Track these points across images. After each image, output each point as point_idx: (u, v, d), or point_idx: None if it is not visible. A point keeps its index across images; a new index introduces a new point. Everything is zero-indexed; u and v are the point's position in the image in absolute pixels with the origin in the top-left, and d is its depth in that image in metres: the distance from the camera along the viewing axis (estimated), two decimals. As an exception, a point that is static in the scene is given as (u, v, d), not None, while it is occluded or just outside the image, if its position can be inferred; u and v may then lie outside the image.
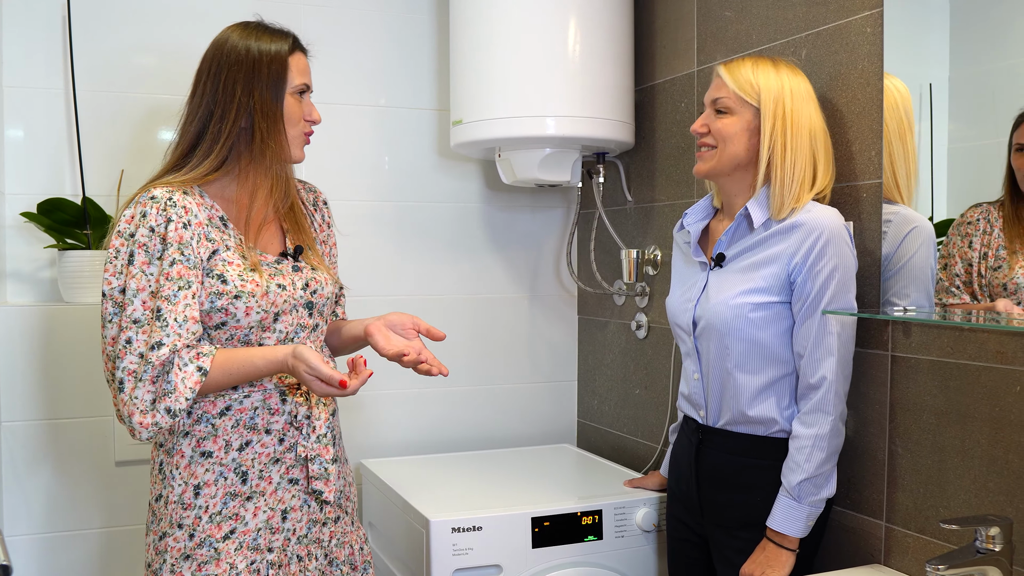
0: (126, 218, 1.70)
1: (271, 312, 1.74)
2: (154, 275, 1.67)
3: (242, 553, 1.73)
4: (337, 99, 2.77)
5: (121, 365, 1.64)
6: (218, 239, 1.73)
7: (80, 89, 2.49)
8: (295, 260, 1.84)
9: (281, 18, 2.65)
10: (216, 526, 1.72)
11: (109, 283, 1.68)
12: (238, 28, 1.80)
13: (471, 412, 2.97)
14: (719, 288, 1.89)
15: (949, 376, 1.71)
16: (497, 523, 2.13)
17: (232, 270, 1.72)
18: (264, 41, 1.78)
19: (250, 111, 1.75)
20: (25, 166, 2.47)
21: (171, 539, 1.72)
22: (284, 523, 1.79)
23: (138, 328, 1.64)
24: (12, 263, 2.47)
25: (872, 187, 1.87)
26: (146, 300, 1.66)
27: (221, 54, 1.77)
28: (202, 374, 1.65)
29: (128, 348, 1.64)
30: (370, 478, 2.60)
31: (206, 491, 1.73)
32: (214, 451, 1.73)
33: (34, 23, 2.47)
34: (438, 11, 2.86)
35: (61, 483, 2.42)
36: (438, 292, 2.91)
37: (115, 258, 1.68)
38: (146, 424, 1.63)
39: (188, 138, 1.78)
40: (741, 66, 1.88)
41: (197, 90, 1.79)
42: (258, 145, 1.77)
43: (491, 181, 2.95)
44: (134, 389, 1.63)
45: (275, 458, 1.77)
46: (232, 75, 1.75)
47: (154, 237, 1.67)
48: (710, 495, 1.95)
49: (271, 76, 1.76)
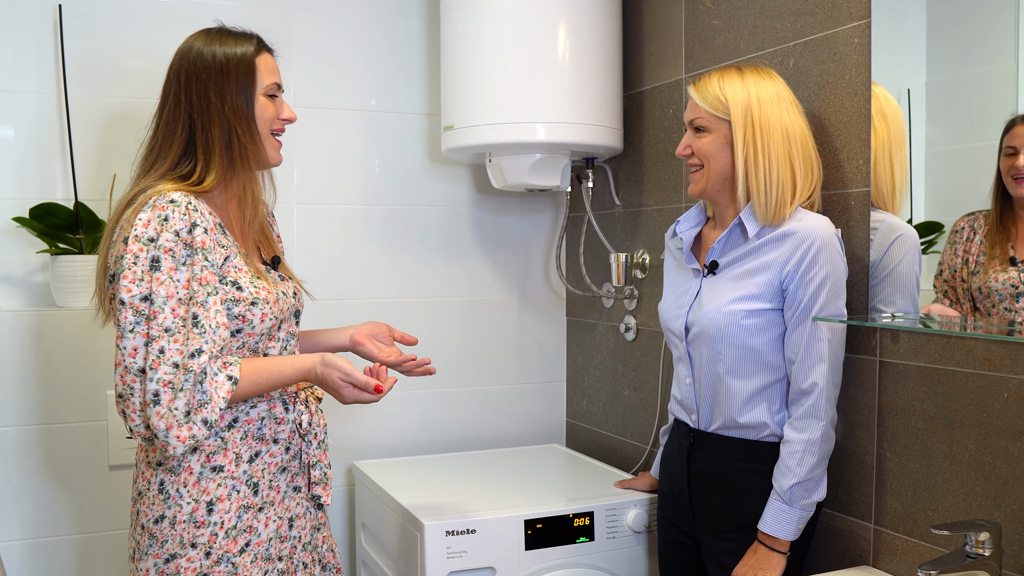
0: (143, 222, 1.59)
1: (279, 319, 1.74)
2: (182, 281, 1.59)
3: (257, 564, 1.72)
4: (328, 103, 2.76)
5: (155, 376, 1.55)
6: (228, 246, 1.70)
7: (71, 93, 2.46)
8: (275, 269, 1.83)
9: (272, 21, 2.66)
10: (232, 541, 1.69)
11: (129, 291, 1.57)
12: (201, 35, 1.75)
13: (461, 412, 2.96)
14: (712, 295, 1.90)
15: (937, 382, 1.72)
16: (490, 526, 2.13)
17: (244, 277, 1.69)
18: (229, 45, 1.73)
19: (225, 117, 1.70)
20: (16, 170, 2.45)
21: (183, 560, 1.66)
22: (291, 531, 1.78)
23: (170, 337, 1.56)
24: (4, 267, 2.45)
25: (860, 195, 1.88)
26: (175, 307, 1.57)
27: (188, 62, 1.71)
28: (232, 383, 1.60)
29: (161, 358, 1.55)
30: (363, 479, 2.59)
31: (220, 506, 1.68)
32: (225, 464, 1.69)
33: (25, 27, 2.44)
34: (429, 16, 2.85)
35: (54, 487, 2.40)
36: (428, 295, 2.90)
37: (134, 264, 1.58)
38: (183, 438, 1.56)
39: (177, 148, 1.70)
40: (708, 83, 1.88)
41: (169, 99, 1.73)
42: (237, 151, 1.72)
43: (481, 185, 2.94)
44: (173, 401, 1.55)
45: (282, 467, 1.76)
46: (202, 82, 1.70)
47: (179, 242, 1.59)
48: (701, 498, 1.96)
49: (239, 79, 1.72)
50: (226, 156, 1.72)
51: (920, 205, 1.79)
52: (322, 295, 2.75)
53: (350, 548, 2.82)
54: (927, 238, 1.76)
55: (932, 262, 1.74)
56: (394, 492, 2.34)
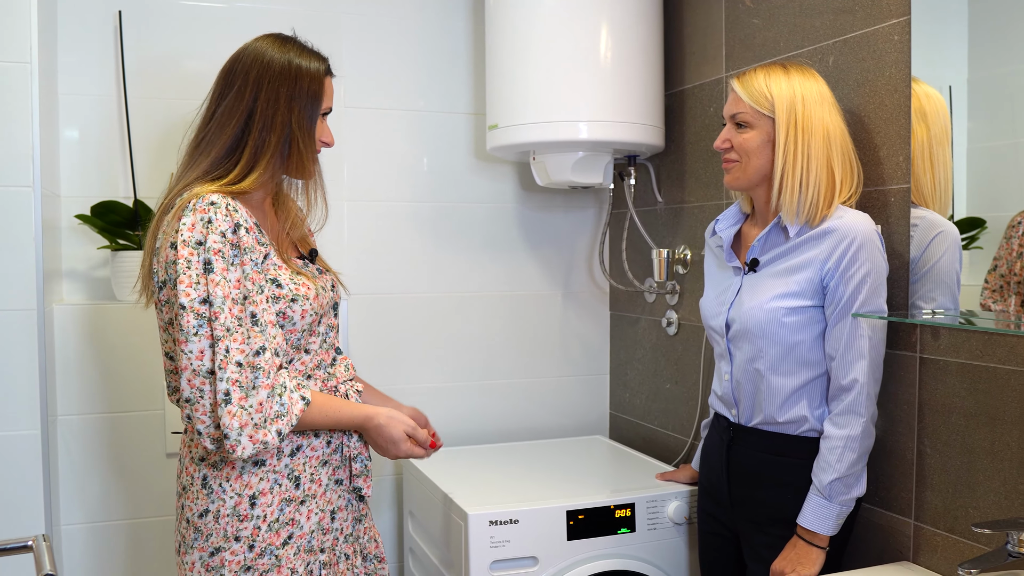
0: (187, 226, 1.59)
1: (319, 314, 1.75)
2: (233, 281, 1.59)
3: (300, 557, 1.72)
4: (378, 104, 2.78)
5: (224, 376, 1.54)
6: (267, 244, 1.70)
7: (131, 95, 2.51)
8: (313, 263, 1.84)
9: (324, 26, 2.68)
10: (275, 533, 1.69)
11: (188, 295, 1.56)
12: (275, 41, 1.74)
13: (507, 404, 2.97)
14: (753, 292, 1.88)
15: (978, 379, 1.69)
16: (533, 516, 2.13)
17: (283, 274, 1.70)
18: (304, 59, 1.73)
19: (290, 125, 1.71)
20: (80, 170, 2.50)
21: (228, 553, 1.67)
22: (333, 523, 1.79)
23: (231, 336, 1.56)
24: (68, 263, 2.50)
25: (900, 192, 1.85)
26: (231, 307, 1.57)
27: (261, 63, 1.70)
28: (305, 403, 1.63)
29: (227, 358, 1.55)
30: (410, 469, 2.61)
31: (262, 500, 1.68)
32: (266, 459, 1.69)
33: (87, 33, 2.49)
34: (474, 19, 2.85)
35: (114, 474, 2.45)
36: (475, 290, 2.91)
37: (188, 268, 1.57)
38: (256, 440, 1.56)
39: (224, 142, 1.70)
40: (754, 78, 1.85)
41: (232, 94, 1.71)
42: (294, 160, 1.73)
43: (526, 183, 2.95)
44: (244, 399, 1.55)
45: (323, 460, 1.77)
46: (275, 86, 1.69)
47: (226, 243, 1.60)
48: (740, 491, 1.94)
49: (311, 94, 1.73)
50: (278, 161, 1.73)
51: (962, 201, 1.75)
52: (371, 290, 2.78)
53: (398, 536, 2.84)
54: (968, 234, 1.72)
55: (974, 258, 1.71)
56: (440, 482, 2.35)
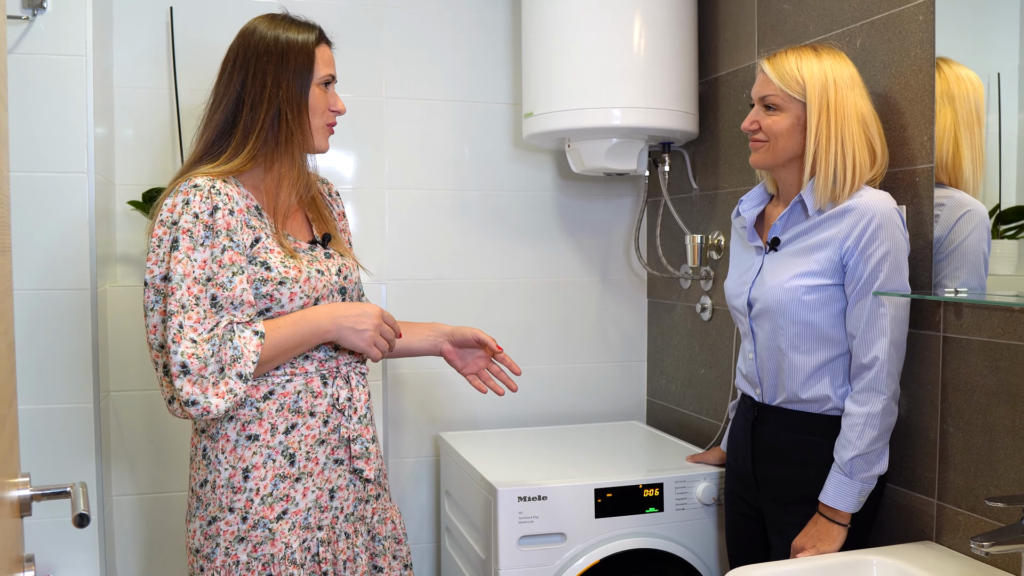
0: (167, 207, 1.62)
1: (312, 297, 1.71)
2: (198, 261, 1.59)
3: (295, 532, 1.70)
4: (421, 95, 2.79)
5: (178, 350, 1.54)
6: (258, 227, 1.69)
7: (181, 87, 2.55)
8: (324, 247, 1.82)
9: (367, 20, 2.71)
10: (268, 507, 1.67)
11: (151, 272, 1.60)
12: (265, 19, 1.75)
13: (545, 389, 2.96)
14: (773, 271, 1.85)
15: (1000, 356, 1.64)
16: (561, 493, 2.12)
17: (274, 257, 1.68)
18: (291, 31, 1.73)
19: (278, 101, 1.70)
20: (134, 159, 2.55)
21: (223, 523, 1.67)
22: (332, 502, 1.75)
23: (185, 313, 1.56)
24: (122, 248, 2.55)
25: (925, 171, 1.80)
26: (191, 286, 1.57)
27: (249, 44, 1.71)
28: (260, 336, 1.60)
29: (181, 333, 1.55)
30: (447, 450, 2.61)
31: (255, 474, 1.67)
32: (260, 434, 1.67)
33: (141, 28, 2.54)
34: (512, 9, 2.85)
35: (162, 447, 2.50)
36: (514, 276, 2.91)
37: (157, 246, 1.60)
38: (221, 394, 1.55)
39: (215, 125, 1.72)
40: (784, 60, 1.81)
41: (223, 78, 1.73)
42: (284, 135, 1.72)
43: (563, 171, 2.93)
44: (203, 368, 1.54)
45: (320, 439, 1.73)
46: (261, 65, 1.69)
47: (198, 224, 1.60)
48: (765, 470, 1.91)
49: (298, 66, 1.71)
50: (270, 138, 1.72)
51: (1011, 190, 1.69)
52: (413, 275, 2.79)
53: (435, 515, 2.85)
54: (1016, 223, 1.66)
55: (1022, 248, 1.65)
56: (474, 461, 2.35)
